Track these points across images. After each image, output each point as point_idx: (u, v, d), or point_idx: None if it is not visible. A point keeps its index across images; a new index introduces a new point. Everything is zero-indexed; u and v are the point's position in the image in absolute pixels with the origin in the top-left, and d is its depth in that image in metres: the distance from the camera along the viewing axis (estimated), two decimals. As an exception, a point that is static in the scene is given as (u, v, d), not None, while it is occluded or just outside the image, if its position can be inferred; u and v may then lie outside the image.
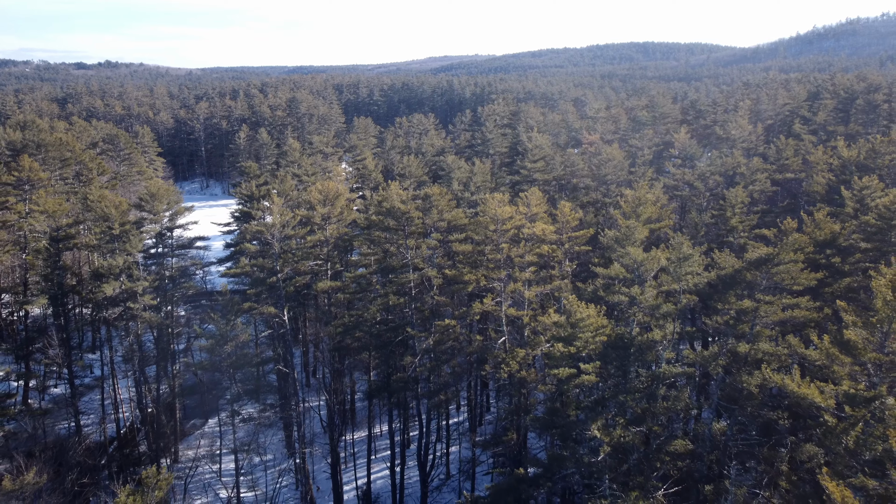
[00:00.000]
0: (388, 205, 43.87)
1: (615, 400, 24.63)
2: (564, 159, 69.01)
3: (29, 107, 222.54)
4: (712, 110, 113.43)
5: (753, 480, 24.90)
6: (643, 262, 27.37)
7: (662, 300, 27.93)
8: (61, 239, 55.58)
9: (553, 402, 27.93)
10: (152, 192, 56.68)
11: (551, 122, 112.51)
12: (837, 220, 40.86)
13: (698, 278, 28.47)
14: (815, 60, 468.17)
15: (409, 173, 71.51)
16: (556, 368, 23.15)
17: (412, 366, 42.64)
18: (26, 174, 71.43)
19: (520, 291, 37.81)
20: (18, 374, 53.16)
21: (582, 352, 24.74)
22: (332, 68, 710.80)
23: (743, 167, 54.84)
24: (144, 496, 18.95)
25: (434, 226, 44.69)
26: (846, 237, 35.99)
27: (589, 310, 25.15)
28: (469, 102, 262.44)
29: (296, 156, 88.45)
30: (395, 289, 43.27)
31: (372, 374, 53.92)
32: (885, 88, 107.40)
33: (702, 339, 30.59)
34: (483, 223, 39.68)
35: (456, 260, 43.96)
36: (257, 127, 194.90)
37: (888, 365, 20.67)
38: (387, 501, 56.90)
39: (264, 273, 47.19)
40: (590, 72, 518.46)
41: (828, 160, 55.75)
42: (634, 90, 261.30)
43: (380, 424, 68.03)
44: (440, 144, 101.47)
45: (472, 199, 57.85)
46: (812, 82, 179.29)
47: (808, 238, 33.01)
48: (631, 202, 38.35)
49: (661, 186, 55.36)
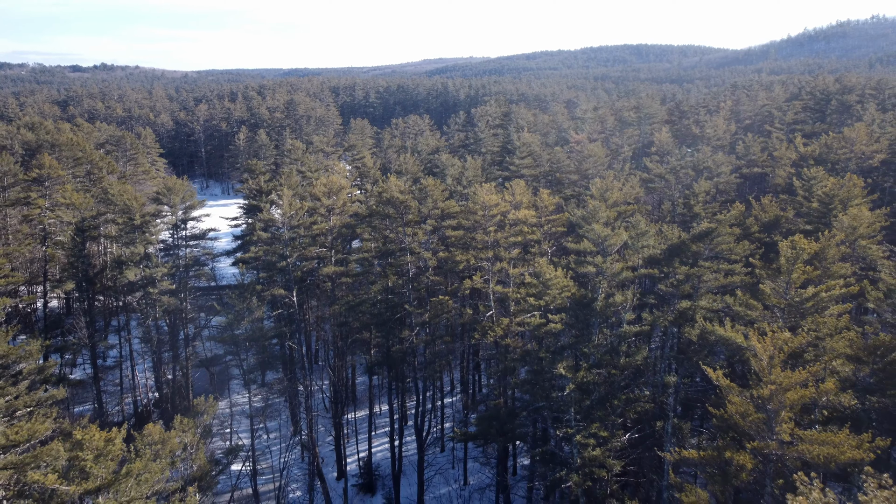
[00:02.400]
0: (388, 195, 48.78)
1: (579, 348, 29.60)
2: (551, 156, 74.06)
3: (31, 109, 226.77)
4: (695, 111, 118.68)
5: (697, 418, 29.76)
6: (606, 238, 32.26)
7: (624, 270, 32.88)
8: (86, 229, 60.28)
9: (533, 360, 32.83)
10: (169, 186, 61.49)
11: (541, 123, 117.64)
12: (791, 207, 45.96)
13: (653, 250, 33.44)
14: (806, 62, 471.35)
15: (405, 170, 76.41)
16: (529, 316, 27.88)
17: (409, 338, 47.50)
18: (46, 171, 76.12)
19: (505, 270, 42.76)
20: (57, 347, 58.01)
21: (550, 305, 29.63)
22: (327, 71, 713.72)
23: (709, 161, 60.10)
24: (195, 419, 23.53)
25: (429, 214, 49.63)
26: (788, 220, 41.12)
27: (557, 272, 30.01)
28: (463, 104, 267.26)
29: (299, 154, 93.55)
30: (394, 270, 48.19)
31: (372, 351, 58.77)
32: (858, 90, 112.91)
33: (658, 303, 35.31)
34: (473, 209, 44.65)
35: (448, 244, 48.89)
36: (256, 128, 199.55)
37: (789, 308, 25.73)
38: (386, 469, 61.78)
39: (275, 258, 51.97)
40: (583, 74, 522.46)
41: (790, 155, 61.07)
42: (626, 92, 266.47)
43: (379, 405, 72.75)
44: (435, 144, 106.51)
45: (465, 192, 62.80)
46: (796, 84, 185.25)
47: (754, 219, 38.08)
48: (599, 188, 43.54)
49: (638, 180, 60.53)
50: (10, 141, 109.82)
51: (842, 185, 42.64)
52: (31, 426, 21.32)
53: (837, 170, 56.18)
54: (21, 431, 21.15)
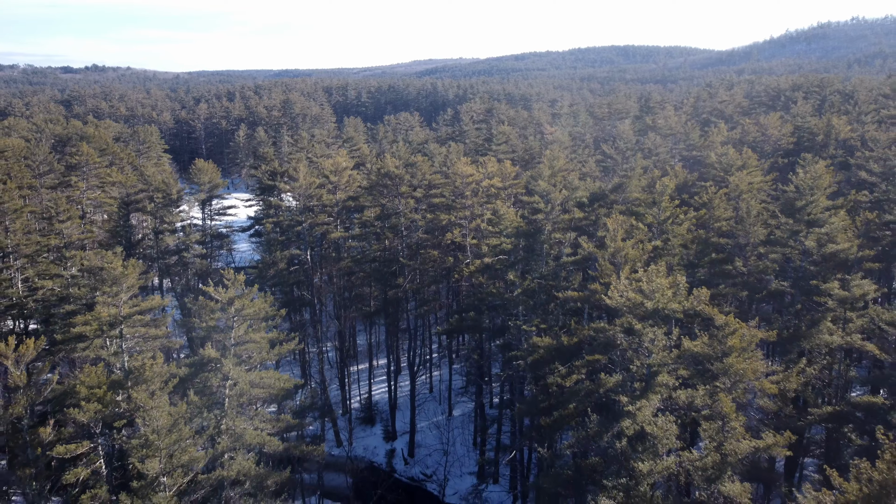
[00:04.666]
0: (385, 170, 60.46)
1: (528, 265, 41.06)
2: (524, 144, 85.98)
3: (37, 108, 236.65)
4: (661, 106, 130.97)
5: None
6: (548, 192, 43.82)
7: (563, 215, 44.44)
8: (130, 203, 71.49)
9: (493, 273, 44.32)
10: (199, 167, 72.90)
11: (520, 118, 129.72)
12: (697, 172, 58.23)
13: (582, 199, 45.10)
14: (787, 63, 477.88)
15: (398, 156, 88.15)
16: (487, 240, 39.23)
17: (403, 285, 59.16)
18: (84, 158, 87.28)
19: (478, 226, 54.54)
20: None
21: (503, 232, 41.14)
22: (317, 72, 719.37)
23: (650, 143, 72.22)
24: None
25: (419, 184, 61.21)
26: (695, 182, 53.10)
27: (510, 210, 41.51)
28: (452, 104, 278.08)
29: (305, 143, 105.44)
30: (391, 230, 59.88)
31: (372, 303, 70.31)
32: (804, 88, 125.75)
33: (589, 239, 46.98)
34: (453, 179, 56.36)
35: (434, 207, 60.59)
36: (254, 126, 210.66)
37: (658, 226, 38.20)
38: (384, 406, 73.46)
39: (293, 222, 63.52)
40: (570, 74, 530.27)
41: (720, 139, 73.27)
42: (609, 91, 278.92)
43: (377, 359, 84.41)
44: (424, 136, 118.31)
45: (448, 172, 74.56)
46: (763, 84, 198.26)
47: (670, 179, 50.11)
48: (548, 157, 55.39)
49: (594, 161, 72.71)
50: (38, 135, 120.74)
51: (739, 156, 54.92)
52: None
53: (755, 149, 68.45)
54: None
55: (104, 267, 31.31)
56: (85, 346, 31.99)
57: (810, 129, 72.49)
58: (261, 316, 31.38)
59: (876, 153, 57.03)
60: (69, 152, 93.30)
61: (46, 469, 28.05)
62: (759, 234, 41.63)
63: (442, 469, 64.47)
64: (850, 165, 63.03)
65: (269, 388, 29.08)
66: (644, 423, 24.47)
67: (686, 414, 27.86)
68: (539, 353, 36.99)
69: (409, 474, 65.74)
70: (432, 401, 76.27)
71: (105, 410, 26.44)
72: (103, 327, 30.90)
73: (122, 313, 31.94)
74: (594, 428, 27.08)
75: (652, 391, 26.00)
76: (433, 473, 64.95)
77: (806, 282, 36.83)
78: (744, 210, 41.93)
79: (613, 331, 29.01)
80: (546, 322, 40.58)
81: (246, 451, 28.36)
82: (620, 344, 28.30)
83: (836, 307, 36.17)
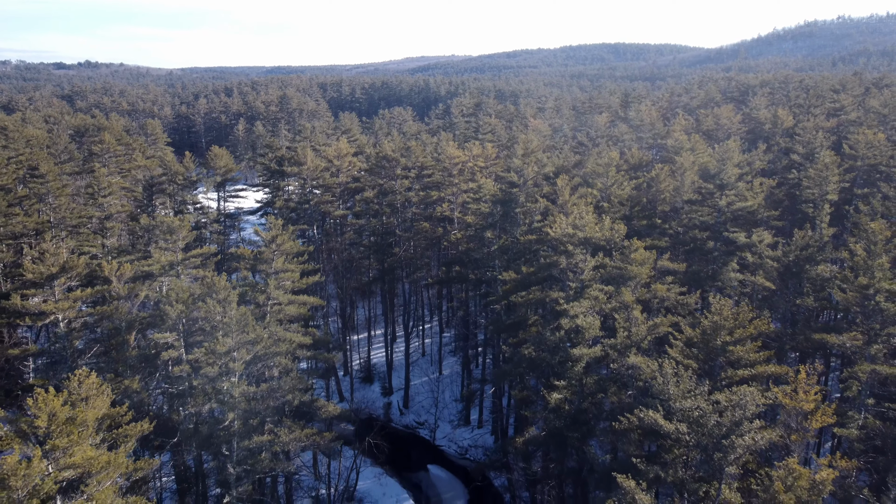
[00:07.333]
0: (383, 153, 69.11)
1: (504, 227, 49.82)
2: (508, 134, 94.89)
3: (40, 103, 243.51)
4: (639, 102, 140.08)
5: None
6: (522, 168, 52.52)
7: (535, 189, 53.21)
8: (153, 185, 79.80)
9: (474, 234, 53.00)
10: (215, 153, 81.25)
11: (507, 112, 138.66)
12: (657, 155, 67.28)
13: (549, 172, 53.99)
14: (773, 61, 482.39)
15: (394, 143, 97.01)
16: (469, 206, 47.78)
17: (399, 254, 67.87)
18: (106, 146, 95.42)
19: (465, 201, 63.29)
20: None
21: (482, 199, 49.87)
22: (311, 69, 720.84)
23: (618, 132, 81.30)
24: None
25: (412, 166, 69.97)
26: (649, 161, 62.29)
27: (489, 182, 50.19)
28: (444, 100, 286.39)
29: (308, 133, 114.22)
30: (388, 206, 68.53)
31: (371, 273, 78.94)
32: (771, 83, 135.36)
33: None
34: (442, 160, 65.16)
35: (426, 186, 69.35)
36: (253, 121, 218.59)
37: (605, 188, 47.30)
38: (382, 368, 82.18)
39: (301, 199, 72.10)
40: (561, 72, 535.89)
41: (680, 127, 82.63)
42: (597, 88, 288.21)
43: (375, 329, 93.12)
44: (417, 128, 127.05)
45: (439, 157, 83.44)
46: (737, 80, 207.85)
47: (625, 161, 59.13)
48: (523, 140, 64.28)
49: (569, 148, 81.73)
50: (55, 126, 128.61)
51: (688, 141, 64.28)
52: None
53: (711, 138, 77.65)
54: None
55: (164, 222, 39.87)
56: (151, 282, 40.46)
57: (758, 119, 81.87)
58: (293, 251, 40.07)
59: (803, 138, 66.25)
60: (90, 141, 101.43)
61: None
62: (692, 198, 50.80)
63: (433, 417, 73.32)
64: (789, 151, 72.21)
65: (302, 305, 37.81)
66: (577, 318, 33.29)
67: (609, 315, 37.12)
68: (507, 285, 45.89)
69: (403, 423, 74.59)
70: (425, 362, 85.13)
71: (186, 312, 35.37)
72: (165, 267, 39.46)
73: (179, 259, 40.46)
74: (541, 326, 35.87)
75: (583, 297, 34.89)
76: (425, 421, 73.81)
77: (720, 233, 46.19)
78: (680, 181, 51.04)
79: (556, 255, 37.98)
80: (518, 272, 49.42)
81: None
82: (561, 264, 37.27)
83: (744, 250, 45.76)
